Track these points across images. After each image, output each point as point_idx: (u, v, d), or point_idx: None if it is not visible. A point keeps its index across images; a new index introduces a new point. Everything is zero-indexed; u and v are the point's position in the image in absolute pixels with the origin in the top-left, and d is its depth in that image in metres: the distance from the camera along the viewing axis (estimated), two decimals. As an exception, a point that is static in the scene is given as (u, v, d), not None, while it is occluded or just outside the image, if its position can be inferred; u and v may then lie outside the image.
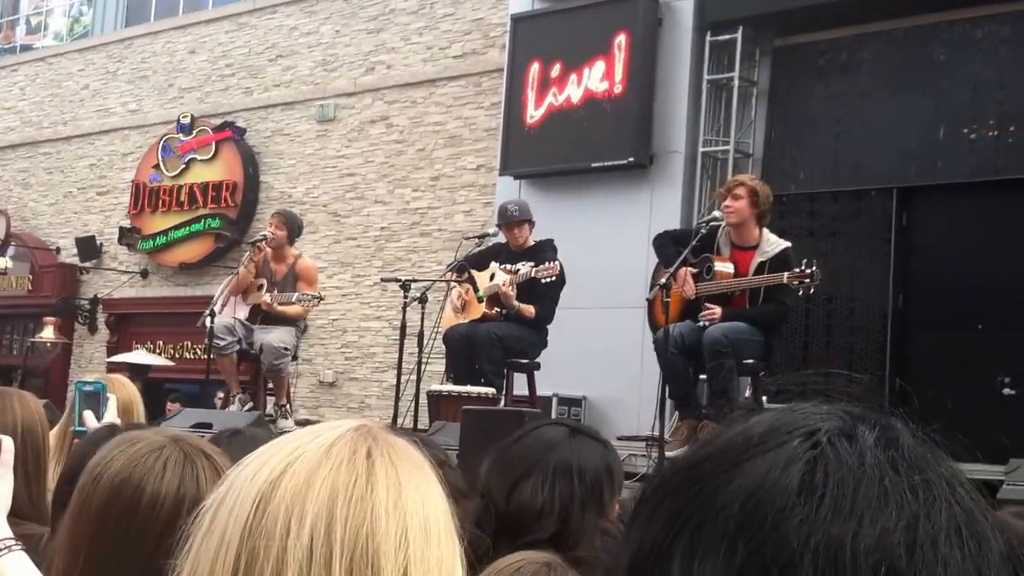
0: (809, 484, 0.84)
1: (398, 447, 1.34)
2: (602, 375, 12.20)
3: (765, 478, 0.85)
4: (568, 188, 13.08)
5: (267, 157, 17.66)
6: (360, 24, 16.78)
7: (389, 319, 15.00)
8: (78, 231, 19.94)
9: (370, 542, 1.25)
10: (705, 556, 0.83)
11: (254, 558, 1.24)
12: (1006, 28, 11.36)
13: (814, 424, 0.88)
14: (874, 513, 0.82)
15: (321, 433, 1.33)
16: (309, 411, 15.40)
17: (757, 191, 8.44)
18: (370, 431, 1.33)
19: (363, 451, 1.30)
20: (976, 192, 11.44)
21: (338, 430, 1.33)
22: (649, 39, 12.80)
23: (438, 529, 1.32)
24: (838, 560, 0.80)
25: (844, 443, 0.86)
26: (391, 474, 1.29)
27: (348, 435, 1.31)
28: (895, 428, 0.90)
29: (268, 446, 1.33)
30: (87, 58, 20.88)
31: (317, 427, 1.35)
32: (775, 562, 0.81)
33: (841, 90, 12.32)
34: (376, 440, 1.32)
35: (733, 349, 8.15)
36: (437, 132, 15.63)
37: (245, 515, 1.26)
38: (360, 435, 1.32)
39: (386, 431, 1.36)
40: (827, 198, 12.20)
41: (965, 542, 0.83)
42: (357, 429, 1.33)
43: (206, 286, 17.21)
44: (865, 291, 11.74)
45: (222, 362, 10.41)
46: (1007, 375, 10.81)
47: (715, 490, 0.86)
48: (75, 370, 19.21)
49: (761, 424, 0.90)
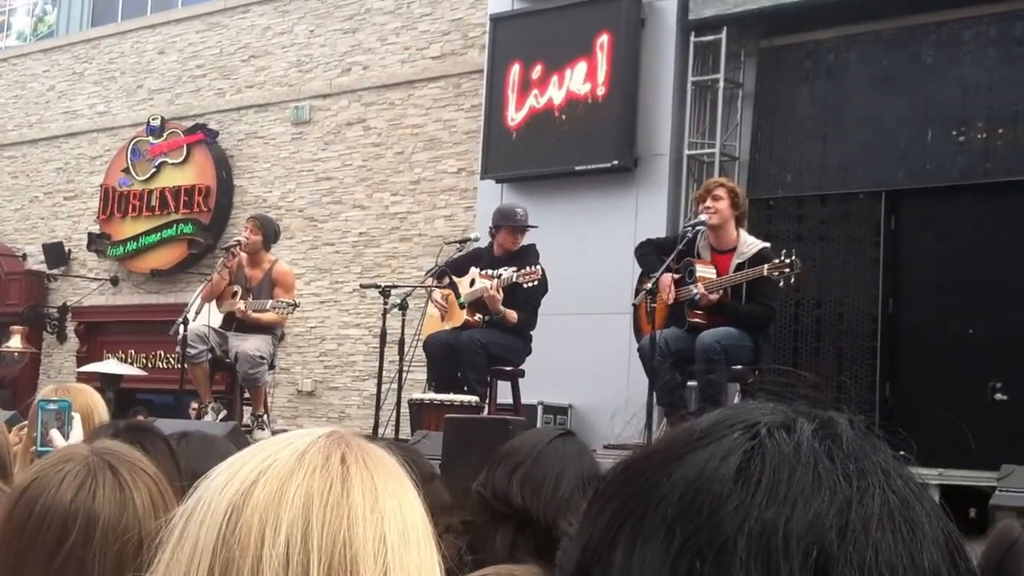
0: (746, 472, 0.86)
1: (372, 452, 1.32)
2: (588, 382, 12.11)
3: (704, 468, 0.87)
4: (551, 192, 12.99)
5: (241, 160, 17.49)
6: (335, 24, 16.65)
7: (369, 326, 14.90)
8: (45, 237, 19.71)
9: (348, 548, 1.23)
10: (645, 544, 0.85)
11: (229, 569, 1.22)
12: (993, 29, 11.40)
13: (755, 418, 0.91)
14: (807, 498, 0.84)
15: (292, 441, 1.31)
16: (287, 421, 15.31)
17: (736, 191, 8.59)
18: (342, 437, 1.31)
19: (337, 457, 1.28)
20: (965, 195, 11.47)
21: (309, 437, 1.31)
22: (632, 40, 12.75)
23: (417, 534, 1.30)
24: (771, 544, 0.82)
25: (782, 434, 0.89)
26: (367, 479, 1.28)
27: (320, 441, 1.30)
28: (835, 422, 0.91)
29: (239, 455, 1.31)
30: (52, 59, 20.68)
31: (288, 435, 1.33)
32: (710, 547, 0.83)
33: (828, 92, 12.33)
34: (349, 446, 1.30)
35: (726, 355, 8.22)
36: (416, 135, 15.53)
37: (217, 526, 1.23)
38: (333, 441, 1.30)
39: (359, 437, 1.34)
40: (814, 201, 12.20)
41: (898, 527, 0.85)
42: (329, 435, 1.31)
43: (179, 293, 17.10)
44: (854, 295, 11.75)
45: (194, 371, 10.29)
46: (998, 380, 10.82)
47: (657, 482, 0.88)
48: (44, 380, 18.94)
49: (705, 420, 0.93)
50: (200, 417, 10.60)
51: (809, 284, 10.94)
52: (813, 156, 12.27)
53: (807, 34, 12.40)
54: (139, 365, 17.76)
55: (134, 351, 18.23)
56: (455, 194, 14.99)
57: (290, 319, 11.29)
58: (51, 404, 3.74)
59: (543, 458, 2.99)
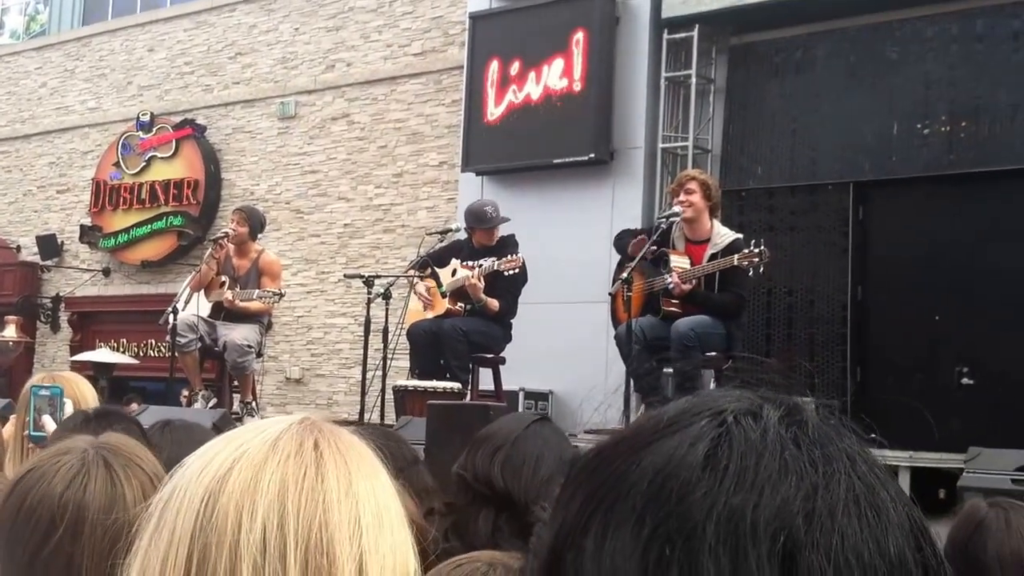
0: (713, 459, 0.86)
1: (344, 438, 1.33)
2: (568, 369, 12.26)
3: (672, 455, 0.87)
4: (530, 184, 13.22)
5: (228, 154, 17.69)
6: (319, 22, 16.83)
7: (354, 315, 15.00)
8: (39, 229, 19.85)
9: (324, 532, 1.25)
10: (616, 532, 0.86)
11: (206, 555, 1.23)
12: (955, 26, 11.57)
13: (722, 406, 0.91)
14: (774, 484, 0.84)
15: (266, 428, 1.32)
16: (277, 408, 15.44)
17: (708, 184, 8.66)
18: (315, 424, 1.33)
19: (310, 443, 1.29)
20: (929, 186, 11.67)
21: (282, 424, 1.32)
22: (607, 37, 12.95)
23: (390, 517, 1.32)
24: (739, 529, 0.82)
25: (749, 421, 0.89)
26: (340, 464, 1.29)
27: (293, 428, 1.31)
28: (801, 409, 0.92)
29: (212, 443, 1.32)
30: (44, 56, 20.81)
31: (261, 423, 1.34)
32: (680, 533, 0.83)
33: (797, 87, 12.51)
34: (322, 432, 1.31)
35: (700, 342, 8.33)
36: (399, 129, 15.71)
37: (194, 513, 1.25)
38: (305, 428, 1.31)
39: (331, 423, 1.35)
40: (785, 193, 12.38)
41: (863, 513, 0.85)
42: (302, 422, 1.32)
43: (169, 284, 17.21)
44: (824, 283, 11.92)
45: (184, 360, 10.36)
46: (965, 365, 11.04)
47: (627, 469, 0.89)
48: (38, 368, 18.94)
49: (673, 407, 0.93)
50: (191, 404, 10.63)
51: (780, 273, 11.11)
52: (783, 149, 12.45)
53: (776, 31, 12.57)
54: (131, 354, 17.87)
55: (126, 340, 18.39)
56: (437, 186, 15.18)
57: (277, 308, 11.33)
58: (43, 390, 3.82)
59: (522, 441, 3.06)
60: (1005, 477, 6.95)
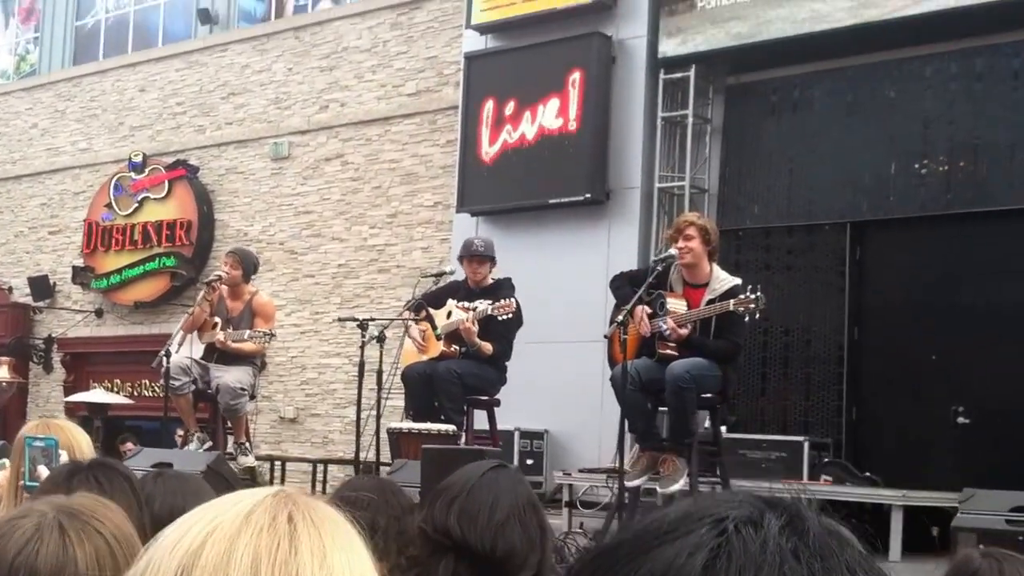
0: (711, 570, 0.85)
1: (319, 509, 1.31)
2: (563, 408, 12.31)
3: (671, 564, 0.87)
4: (526, 224, 13.21)
5: (221, 195, 17.68)
6: (313, 62, 16.85)
7: (349, 355, 15.03)
8: (30, 270, 19.85)
9: None
10: None
11: None
12: (954, 65, 11.60)
13: (723, 512, 0.90)
14: None
15: (239, 500, 1.30)
16: (271, 447, 15.43)
17: (707, 228, 8.58)
18: (289, 496, 1.31)
19: (284, 516, 1.27)
20: (927, 225, 11.67)
21: (256, 496, 1.30)
22: (603, 77, 12.97)
23: None
24: None
25: (750, 530, 0.88)
26: (314, 536, 1.26)
27: (267, 501, 1.29)
28: (803, 517, 0.91)
29: (187, 516, 1.29)
30: (35, 96, 20.84)
31: (235, 494, 1.32)
32: None
33: (794, 126, 12.53)
34: (296, 504, 1.29)
35: (695, 384, 8.29)
36: (393, 169, 15.71)
37: None
38: (279, 500, 1.29)
39: (305, 495, 1.33)
40: (781, 232, 12.39)
41: None
42: (275, 495, 1.30)
43: (162, 324, 17.22)
44: (821, 323, 11.93)
45: (178, 402, 10.34)
46: (961, 404, 11.01)
47: (627, 574, 0.88)
48: (32, 408, 19.27)
49: (675, 511, 0.93)
50: (185, 445, 10.65)
51: (777, 312, 11.12)
52: (780, 188, 12.45)
53: (773, 71, 12.59)
54: (125, 393, 17.86)
55: (119, 380, 18.40)
56: (431, 227, 15.18)
57: (272, 348, 11.35)
58: (38, 441, 3.78)
59: (477, 490, 3.13)
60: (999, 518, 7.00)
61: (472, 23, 14.16)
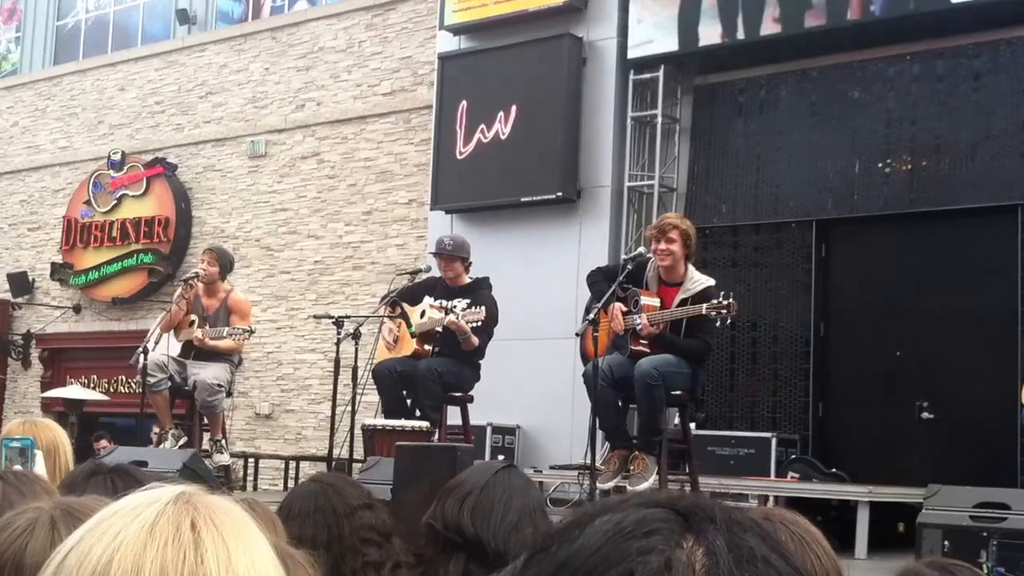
0: None
1: (221, 511, 1.31)
2: (535, 405, 12.44)
3: None
4: (499, 222, 13.34)
5: (199, 192, 17.79)
6: (289, 62, 16.96)
7: (324, 351, 15.12)
8: (9, 267, 19.90)
9: None
10: None
11: None
12: (916, 66, 11.74)
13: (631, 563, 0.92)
14: None
15: (141, 511, 1.28)
16: (246, 443, 15.52)
17: (689, 233, 8.57)
18: (190, 500, 1.30)
19: (187, 524, 1.26)
20: (892, 224, 11.81)
21: (158, 504, 1.28)
22: (574, 78, 13.10)
23: None
24: None
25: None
26: (218, 541, 1.27)
27: (169, 510, 1.27)
28: (715, 552, 0.93)
29: (87, 531, 1.28)
30: (16, 95, 20.88)
31: (134, 503, 1.30)
32: None
33: (761, 126, 12.65)
34: (198, 509, 1.29)
35: (664, 381, 8.33)
36: (368, 168, 15.83)
37: None
38: (180, 508, 1.28)
39: (207, 495, 1.33)
40: (749, 230, 12.50)
41: None
42: (176, 501, 1.29)
43: (140, 320, 17.32)
44: (788, 319, 12.04)
45: (155, 399, 10.36)
46: (925, 399, 11.17)
47: None
48: (9, 404, 19.34)
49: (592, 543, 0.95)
50: (161, 442, 10.63)
51: (744, 309, 11.04)
52: (747, 187, 12.56)
53: (740, 72, 12.75)
54: (101, 390, 17.93)
55: (96, 376, 18.48)
56: (406, 224, 15.32)
57: (248, 344, 11.34)
58: (14, 442, 3.80)
59: (490, 488, 3.13)
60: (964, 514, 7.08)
61: (445, 24, 14.27)
